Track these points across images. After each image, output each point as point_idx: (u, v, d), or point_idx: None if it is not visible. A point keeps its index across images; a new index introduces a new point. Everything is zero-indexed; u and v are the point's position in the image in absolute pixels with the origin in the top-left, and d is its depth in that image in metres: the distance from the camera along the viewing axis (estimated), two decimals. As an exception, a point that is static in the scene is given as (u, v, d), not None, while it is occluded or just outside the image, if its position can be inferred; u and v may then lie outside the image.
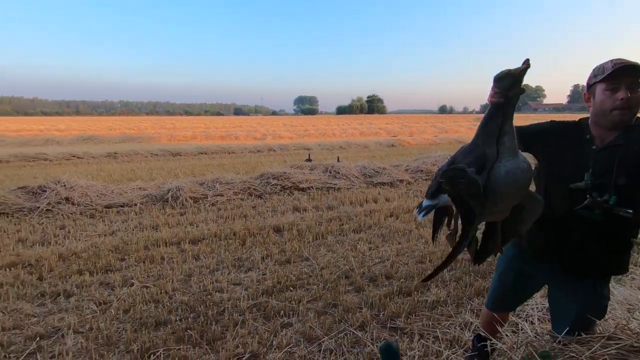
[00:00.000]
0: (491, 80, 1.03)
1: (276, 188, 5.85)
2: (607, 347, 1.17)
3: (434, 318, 2.31)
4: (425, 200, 1.23)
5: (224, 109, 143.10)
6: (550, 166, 1.34)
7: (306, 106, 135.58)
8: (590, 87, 1.26)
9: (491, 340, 1.46)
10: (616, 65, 1.15)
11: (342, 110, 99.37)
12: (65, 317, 2.33)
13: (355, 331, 2.17)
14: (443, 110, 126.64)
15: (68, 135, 20.32)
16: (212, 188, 5.60)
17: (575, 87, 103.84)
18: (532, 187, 1.28)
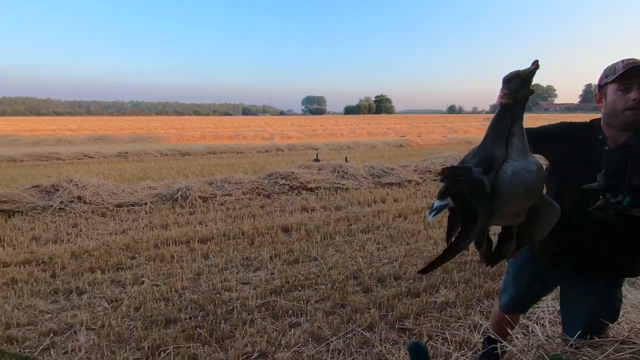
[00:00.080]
0: (501, 80, 1.02)
1: (284, 188, 5.87)
2: (620, 352, 1.15)
3: (442, 319, 2.30)
4: (436, 201, 1.23)
5: (232, 109, 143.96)
6: (561, 167, 1.33)
7: (314, 106, 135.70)
8: (601, 87, 1.25)
9: (501, 343, 1.45)
10: (627, 66, 1.14)
11: (350, 110, 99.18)
12: (77, 314, 2.37)
13: (363, 332, 2.17)
14: (452, 110, 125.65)
15: (80, 135, 20.67)
16: (220, 188, 5.64)
17: (588, 86, 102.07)
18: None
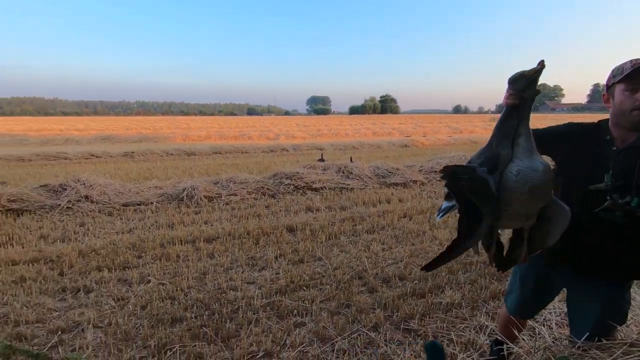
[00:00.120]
0: (507, 79, 1.02)
1: (289, 188, 5.88)
2: (629, 354, 1.14)
3: (448, 320, 2.29)
4: (444, 202, 1.22)
5: (237, 109, 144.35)
6: (568, 168, 1.32)
7: (319, 106, 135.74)
8: (609, 87, 1.24)
9: (508, 344, 1.44)
10: (635, 66, 1.13)
11: (354, 110, 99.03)
12: (85, 312, 2.40)
13: (368, 332, 2.17)
14: (457, 110, 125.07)
15: (87, 134, 20.88)
16: (226, 187, 5.67)
17: (596, 86, 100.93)
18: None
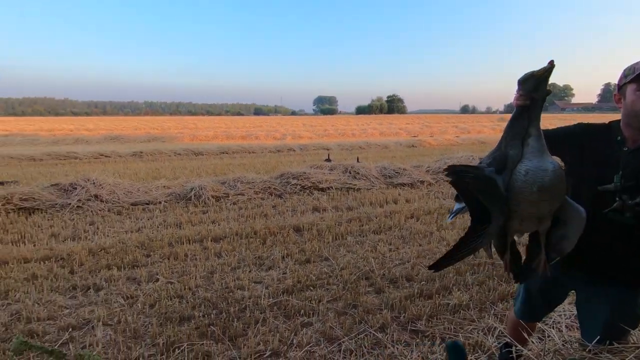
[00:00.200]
0: (516, 79, 1.02)
1: (296, 188, 5.89)
2: (641, 358, 1.12)
3: (456, 322, 2.27)
4: (456, 204, 1.22)
5: (244, 109, 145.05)
6: (578, 168, 1.30)
7: (325, 106, 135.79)
8: (620, 87, 1.23)
9: (517, 347, 1.43)
10: None
11: (361, 110, 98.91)
12: (95, 310, 2.43)
13: (375, 332, 2.17)
14: (465, 110, 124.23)
15: (96, 134, 21.14)
16: (233, 187, 5.70)
17: (607, 86, 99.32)
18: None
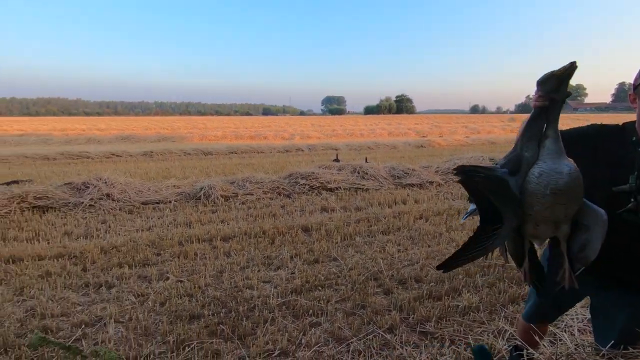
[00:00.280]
0: (527, 79, 1.01)
1: (304, 188, 5.90)
2: (657, 364, 1.10)
3: (465, 324, 2.26)
4: (470, 205, 1.22)
5: (252, 109, 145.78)
6: (591, 169, 1.28)
7: (334, 106, 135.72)
8: (636, 87, 1.21)
9: (528, 350, 1.41)
10: None
11: (370, 110, 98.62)
12: (107, 307, 2.47)
13: (384, 333, 2.16)
14: (475, 110, 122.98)
15: (108, 134, 21.47)
16: (242, 187, 5.73)
17: (621, 85, 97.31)
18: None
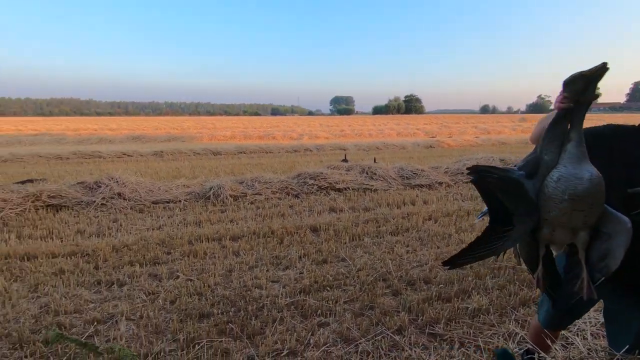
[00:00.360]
0: (540, 78, 0.99)
1: (313, 188, 5.90)
2: (673, 370, 1.08)
3: (475, 326, 2.23)
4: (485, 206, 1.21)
5: (261, 109, 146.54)
6: (607, 170, 1.26)
7: (342, 106, 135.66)
8: None
9: (540, 354, 1.39)
10: None
11: (378, 110, 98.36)
12: (118, 305, 2.51)
13: (392, 335, 2.16)
14: (485, 110, 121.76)
15: (119, 134, 21.78)
16: (251, 187, 5.76)
17: (636, 84, 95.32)
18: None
